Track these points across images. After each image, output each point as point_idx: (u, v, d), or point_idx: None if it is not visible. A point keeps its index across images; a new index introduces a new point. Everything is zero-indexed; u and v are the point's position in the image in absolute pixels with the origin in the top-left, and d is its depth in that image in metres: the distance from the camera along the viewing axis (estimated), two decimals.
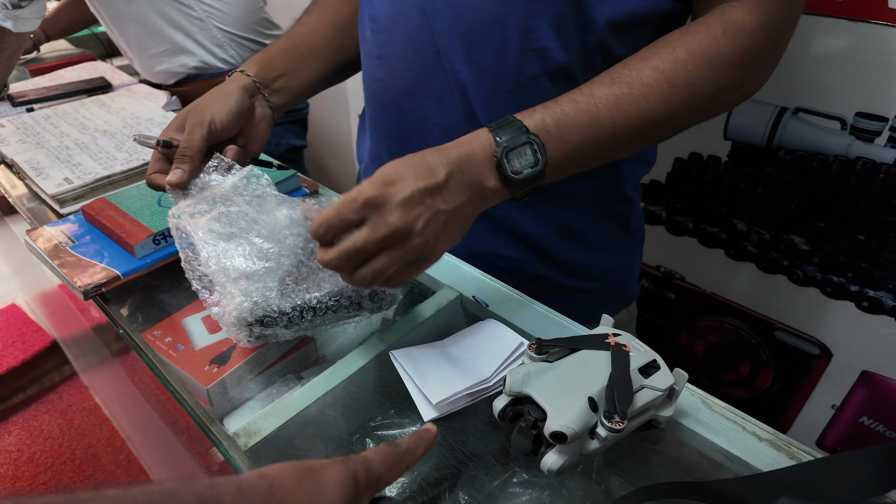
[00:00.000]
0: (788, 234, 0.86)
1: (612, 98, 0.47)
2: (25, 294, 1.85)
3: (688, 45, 0.47)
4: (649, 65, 0.47)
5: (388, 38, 0.60)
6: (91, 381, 1.60)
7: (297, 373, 0.62)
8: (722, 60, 0.47)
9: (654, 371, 0.44)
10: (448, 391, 0.46)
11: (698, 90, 0.48)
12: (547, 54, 0.53)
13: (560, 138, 0.47)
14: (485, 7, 0.52)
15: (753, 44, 0.47)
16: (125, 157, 0.82)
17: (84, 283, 0.58)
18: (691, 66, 0.47)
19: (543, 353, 0.44)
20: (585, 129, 0.47)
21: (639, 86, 0.47)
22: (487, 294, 0.60)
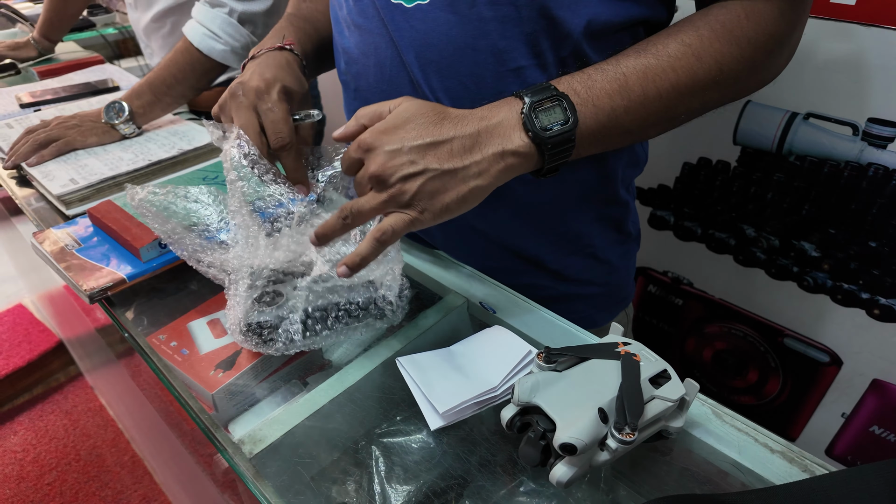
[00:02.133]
0: (798, 241, 0.85)
1: (640, 67, 0.46)
2: (32, 294, 1.85)
3: (711, 24, 0.47)
4: (675, 39, 0.47)
5: (361, 70, 0.59)
6: (96, 382, 1.60)
7: (303, 378, 0.62)
8: (747, 41, 0.47)
9: (664, 381, 0.43)
10: (455, 400, 0.45)
11: (725, 68, 0.47)
12: (524, 73, 0.52)
13: (591, 103, 0.46)
14: (453, 32, 0.51)
15: (776, 28, 0.47)
16: (131, 157, 0.82)
17: (90, 286, 0.57)
18: (717, 44, 0.46)
19: (552, 362, 0.44)
20: (616, 96, 0.46)
21: (666, 57, 0.46)
22: (495, 300, 0.59)
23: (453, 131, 0.45)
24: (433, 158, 0.44)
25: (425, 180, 0.44)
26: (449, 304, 0.59)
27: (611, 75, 0.46)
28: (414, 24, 0.52)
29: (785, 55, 0.51)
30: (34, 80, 1.15)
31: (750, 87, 0.51)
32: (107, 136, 0.86)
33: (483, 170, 0.45)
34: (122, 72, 1.17)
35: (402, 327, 0.60)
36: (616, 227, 0.66)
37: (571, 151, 0.46)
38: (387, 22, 0.53)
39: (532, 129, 0.44)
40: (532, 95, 0.45)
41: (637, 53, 0.47)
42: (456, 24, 0.50)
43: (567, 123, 0.45)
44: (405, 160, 0.44)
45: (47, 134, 0.82)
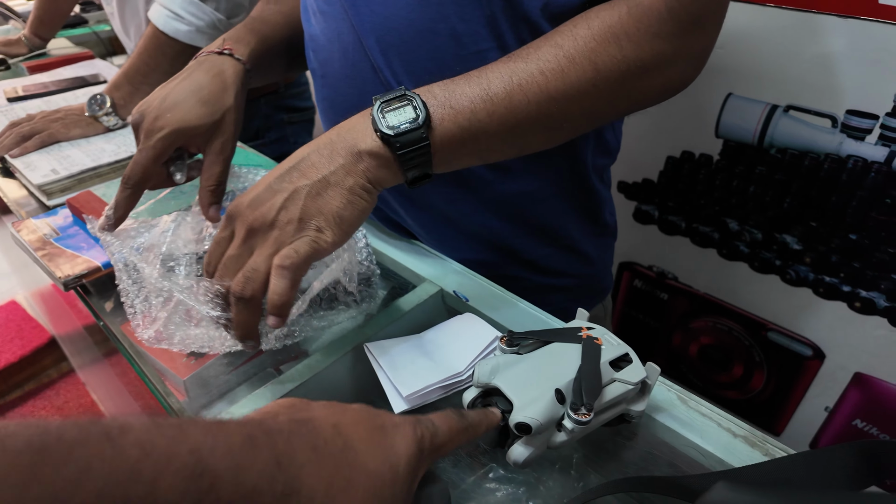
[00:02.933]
0: (780, 234, 0.85)
1: (505, 72, 0.44)
2: (25, 291, 1.86)
3: (589, 22, 0.45)
4: (548, 42, 0.45)
5: (327, 57, 0.59)
6: (88, 378, 1.60)
7: (277, 367, 0.62)
8: (627, 39, 0.44)
9: (626, 364, 0.44)
10: (419, 384, 0.45)
11: (602, 69, 0.44)
12: (486, 56, 0.51)
13: (448, 106, 0.44)
14: (411, 17, 0.51)
15: (661, 27, 0.44)
16: (113, 149, 0.82)
17: (65, 274, 0.58)
18: (593, 44, 0.44)
19: (514, 346, 0.44)
20: (478, 100, 0.44)
21: (535, 61, 0.44)
22: (468, 289, 0.60)
23: (308, 149, 0.44)
24: (298, 178, 0.43)
25: (303, 198, 0.42)
26: (422, 293, 0.60)
27: (474, 80, 0.45)
28: (374, 9, 0.52)
29: (682, 61, 0.47)
30: (23, 75, 1.16)
31: (647, 93, 0.48)
32: (90, 128, 0.86)
33: (350, 170, 0.43)
34: (110, 67, 1.17)
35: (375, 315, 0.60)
36: (592, 219, 0.66)
37: (428, 154, 0.44)
38: (347, 7, 0.53)
39: (378, 128, 0.43)
40: (383, 97, 0.44)
41: (507, 59, 0.45)
42: (416, 7, 0.50)
43: (416, 121, 0.43)
44: (274, 196, 0.42)
45: (31, 127, 0.83)
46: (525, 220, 0.63)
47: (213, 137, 0.58)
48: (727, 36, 0.80)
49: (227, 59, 0.61)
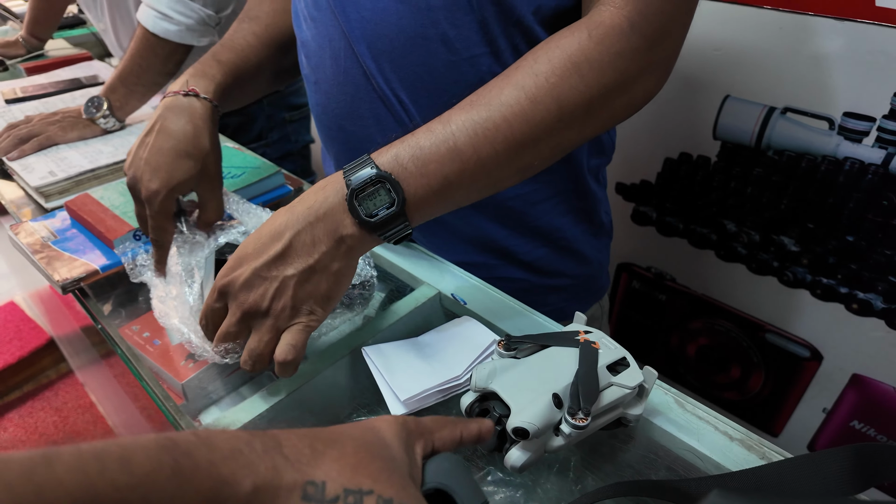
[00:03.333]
0: (778, 235, 0.85)
1: (469, 124, 0.43)
2: (23, 292, 1.86)
3: (550, 54, 0.43)
4: (510, 82, 0.43)
5: (318, 63, 0.59)
6: (86, 379, 1.60)
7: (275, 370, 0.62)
8: (589, 66, 0.43)
9: (623, 368, 0.44)
10: (417, 388, 0.45)
11: (566, 103, 0.43)
12: (478, 61, 0.51)
13: (419, 174, 0.43)
14: (402, 23, 0.51)
15: (624, 45, 0.43)
16: (111, 150, 0.82)
17: (63, 277, 0.58)
18: (554, 79, 0.43)
19: (512, 350, 0.44)
20: (447, 161, 0.43)
21: (497, 106, 0.43)
22: (466, 292, 0.60)
23: (289, 234, 0.43)
24: (285, 266, 0.43)
25: (293, 287, 0.44)
26: (420, 296, 0.60)
27: (439, 138, 0.43)
28: (364, 15, 0.52)
29: (649, 74, 0.46)
30: (21, 76, 1.16)
31: (615, 113, 0.47)
32: (88, 130, 0.86)
33: (334, 255, 0.44)
34: (108, 68, 1.17)
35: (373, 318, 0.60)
36: (587, 219, 0.66)
37: (408, 227, 0.44)
38: (337, 13, 0.53)
39: (357, 217, 0.43)
40: (353, 180, 0.42)
41: (471, 105, 0.44)
42: (405, 13, 0.50)
43: (393, 206, 0.42)
44: (264, 284, 0.44)
45: (29, 129, 0.83)
46: (520, 222, 0.63)
47: (201, 182, 0.60)
48: (725, 38, 0.80)
49: (192, 100, 0.60)
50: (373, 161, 0.43)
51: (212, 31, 0.89)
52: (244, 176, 0.72)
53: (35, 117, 0.86)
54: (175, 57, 0.88)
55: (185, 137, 0.58)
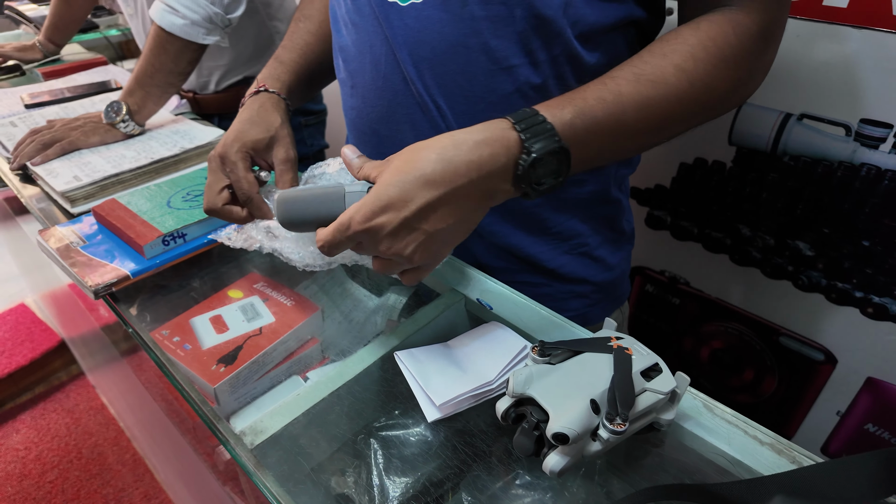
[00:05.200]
0: (793, 240, 0.86)
1: (638, 99, 0.46)
2: (34, 293, 1.86)
3: (705, 44, 0.47)
4: (671, 62, 0.46)
5: (357, 67, 0.61)
6: (98, 381, 1.61)
7: (303, 373, 0.63)
8: (734, 60, 0.47)
9: (655, 374, 0.44)
10: (452, 393, 0.46)
11: (714, 91, 0.47)
12: (516, 72, 0.53)
13: (584, 145, 0.45)
14: (444, 31, 0.52)
15: (756, 45, 0.48)
16: (133, 155, 0.83)
17: (94, 282, 0.59)
18: (710, 66, 0.46)
19: (546, 356, 0.45)
20: (610, 134, 0.46)
21: (663, 86, 0.46)
22: (491, 297, 0.60)
23: (445, 187, 0.43)
24: (435, 220, 0.44)
25: (437, 243, 0.46)
26: (446, 301, 0.60)
27: (611, 111, 0.45)
28: (408, 22, 0.53)
29: (762, 74, 0.51)
30: (38, 81, 1.17)
31: (730, 106, 0.52)
32: (109, 135, 0.87)
33: (480, 210, 0.47)
34: (124, 72, 1.18)
35: (401, 323, 0.61)
36: (609, 226, 0.67)
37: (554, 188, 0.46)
38: (381, 20, 0.54)
39: (525, 183, 0.44)
40: (536, 143, 0.43)
41: (637, 79, 0.46)
42: (448, 22, 0.51)
43: (559, 177, 0.45)
44: (411, 235, 0.44)
45: (52, 135, 0.83)
46: (544, 229, 0.64)
47: (274, 148, 0.64)
48: None
49: (263, 94, 0.66)
50: (555, 131, 0.44)
51: (219, 31, 0.89)
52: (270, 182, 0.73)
53: (57, 122, 0.87)
54: (185, 55, 0.89)
55: (259, 114, 0.64)
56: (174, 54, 0.87)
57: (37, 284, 1.71)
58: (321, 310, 0.65)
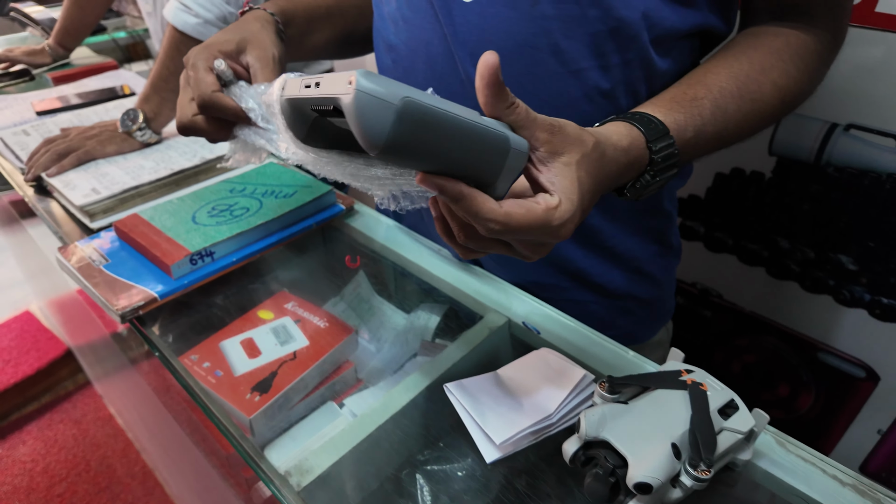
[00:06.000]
0: (835, 253, 0.83)
1: (738, 117, 0.47)
2: (40, 301, 1.83)
3: (795, 60, 0.48)
4: (770, 79, 0.47)
5: (409, 66, 0.58)
6: (105, 391, 1.58)
7: (337, 399, 0.60)
8: (817, 75, 0.50)
9: (732, 412, 0.42)
10: (511, 430, 0.43)
11: (794, 105, 0.50)
12: (585, 76, 0.50)
13: (687, 154, 0.45)
14: (513, 29, 0.49)
15: (831, 57, 0.51)
16: (152, 165, 0.80)
17: (121, 305, 0.55)
18: (800, 84, 0.48)
19: (616, 393, 0.42)
20: (707, 149, 0.47)
21: (761, 104, 0.47)
22: (537, 319, 0.57)
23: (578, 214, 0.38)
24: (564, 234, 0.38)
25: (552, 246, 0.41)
26: (489, 324, 0.57)
27: (719, 127, 0.46)
28: (470, 19, 0.50)
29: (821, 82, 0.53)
30: (48, 86, 1.13)
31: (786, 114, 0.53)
32: (125, 144, 0.84)
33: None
34: (136, 77, 1.15)
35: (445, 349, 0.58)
36: (659, 240, 0.64)
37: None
38: (441, 16, 0.52)
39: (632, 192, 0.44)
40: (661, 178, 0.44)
41: (740, 95, 0.47)
42: (516, 20, 0.49)
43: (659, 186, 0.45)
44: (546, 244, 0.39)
45: (67, 144, 0.80)
46: (594, 242, 0.61)
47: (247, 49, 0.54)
48: None
49: (248, 13, 0.59)
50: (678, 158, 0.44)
51: None
52: (296, 195, 0.70)
53: (72, 131, 0.84)
54: None
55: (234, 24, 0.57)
56: None
57: (42, 290, 1.67)
58: (355, 331, 0.62)
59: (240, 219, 0.65)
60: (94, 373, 1.57)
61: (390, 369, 0.65)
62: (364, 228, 0.73)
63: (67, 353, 1.63)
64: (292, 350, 0.58)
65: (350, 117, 0.30)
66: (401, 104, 0.30)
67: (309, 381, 0.57)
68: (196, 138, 0.88)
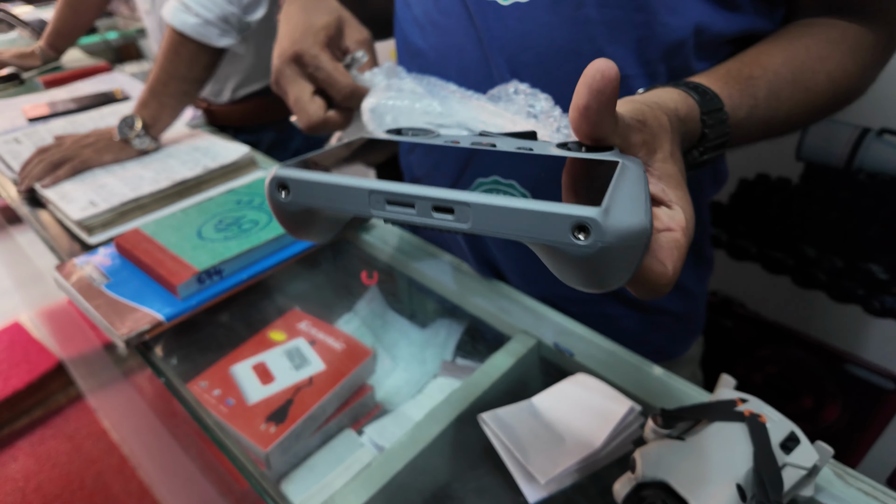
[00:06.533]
0: (865, 262, 0.80)
1: (792, 105, 0.44)
2: (30, 311, 1.77)
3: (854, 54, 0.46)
4: (824, 69, 0.45)
5: (438, 74, 0.54)
6: (99, 404, 1.53)
7: (355, 425, 0.56)
8: (871, 73, 0.48)
9: (794, 445, 0.39)
10: (556, 467, 0.40)
11: (844, 100, 0.48)
12: (629, 83, 0.48)
13: (736, 136, 0.41)
14: (555, 35, 0.47)
15: (885, 57, 0.48)
16: (152, 176, 0.76)
17: (125, 330, 0.52)
18: (853, 79, 0.46)
19: (670, 427, 0.38)
20: (756, 133, 0.44)
21: (814, 96, 0.45)
22: (569, 340, 0.54)
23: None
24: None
25: None
26: (519, 346, 0.54)
27: (770, 114, 0.43)
28: (508, 24, 0.47)
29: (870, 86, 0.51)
30: (39, 90, 1.09)
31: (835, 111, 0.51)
32: (123, 152, 0.80)
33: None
34: (131, 80, 1.10)
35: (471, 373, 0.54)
36: (694, 250, 0.61)
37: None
38: (477, 20, 0.49)
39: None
40: (707, 157, 0.38)
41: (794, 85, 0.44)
42: (558, 25, 0.46)
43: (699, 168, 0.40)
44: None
45: (62, 153, 0.76)
46: None
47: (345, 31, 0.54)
48: None
49: None
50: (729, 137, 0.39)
51: (234, 34, 0.82)
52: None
53: (66, 139, 0.80)
54: (200, 60, 0.81)
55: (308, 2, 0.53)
56: (188, 58, 0.80)
57: (32, 300, 1.62)
58: (374, 353, 0.59)
59: (249, 233, 0.62)
60: (87, 386, 1.52)
61: (409, 391, 0.62)
62: (377, 241, 0.70)
63: (59, 365, 1.58)
64: (308, 375, 0.55)
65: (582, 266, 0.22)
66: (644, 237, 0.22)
67: (327, 409, 0.54)
68: (197, 145, 0.85)
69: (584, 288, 0.24)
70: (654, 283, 0.27)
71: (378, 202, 0.23)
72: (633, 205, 0.22)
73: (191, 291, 0.56)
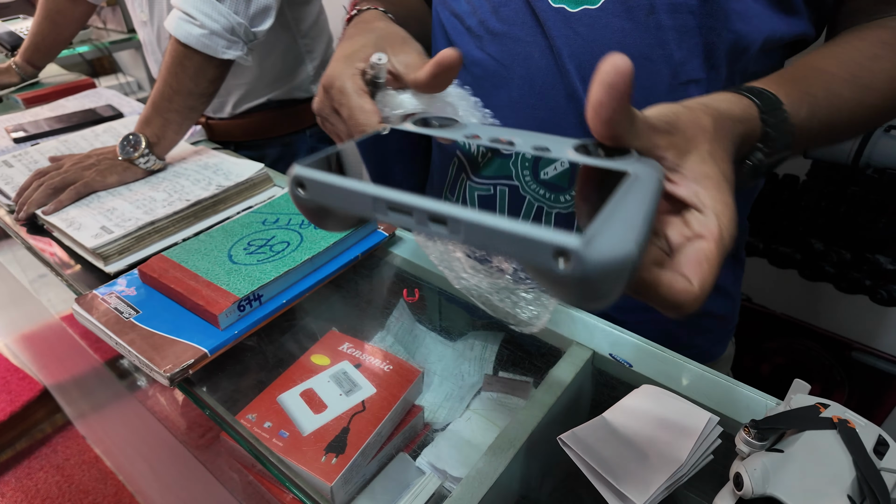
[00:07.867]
0: (873, 254, 0.83)
1: (854, 104, 0.44)
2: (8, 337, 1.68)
3: None
4: (881, 67, 0.45)
5: (499, 83, 0.53)
6: (89, 430, 1.46)
7: (407, 448, 0.55)
8: None
9: (884, 449, 0.39)
10: (649, 487, 0.39)
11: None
12: (691, 88, 0.48)
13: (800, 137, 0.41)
14: (628, 41, 0.47)
15: None
16: (164, 197, 0.72)
17: (169, 365, 0.49)
18: None
19: (765, 440, 0.38)
20: (820, 136, 0.44)
21: (876, 94, 0.45)
22: (624, 350, 0.54)
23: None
24: None
25: None
26: (575, 359, 0.53)
27: (833, 116, 0.43)
28: (579, 31, 0.47)
29: None
30: (19, 109, 1.03)
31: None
32: (128, 173, 0.76)
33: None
34: (118, 95, 1.05)
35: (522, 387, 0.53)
36: (733, 252, 0.61)
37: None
38: (547, 28, 0.48)
39: (740, 175, 0.38)
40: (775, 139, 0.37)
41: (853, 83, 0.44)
42: (631, 31, 0.46)
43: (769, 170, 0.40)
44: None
45: (62, 177, 0.72)
46: None
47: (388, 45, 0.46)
48: None
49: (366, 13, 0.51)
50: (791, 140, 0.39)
51: (241, 45, 0.79)
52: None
53: (65, 160, 0.76)
54: (206, 73, 0.78)
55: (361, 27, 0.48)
56: (193, 72, 0.77)
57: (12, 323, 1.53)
58: (422, 373, 0.57)
59: (283, 255, 0.59)
60: (77, 411, 1.45)
61: (453, 407, 0.61)
62: (409, 255, 0.68)
63: (44, 392, 1.51)
64: (360, 399, 0.53)
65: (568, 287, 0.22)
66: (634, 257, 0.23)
67: (383, 434, 0.52)
68: (206, 163, 0.81)
69: (573, 305, 0.26)
70: (678, 300, 0.26)
71: (381, 207, 0.25)
72: (624, 229, 0.23)
73: (231, 320, 0.54)
